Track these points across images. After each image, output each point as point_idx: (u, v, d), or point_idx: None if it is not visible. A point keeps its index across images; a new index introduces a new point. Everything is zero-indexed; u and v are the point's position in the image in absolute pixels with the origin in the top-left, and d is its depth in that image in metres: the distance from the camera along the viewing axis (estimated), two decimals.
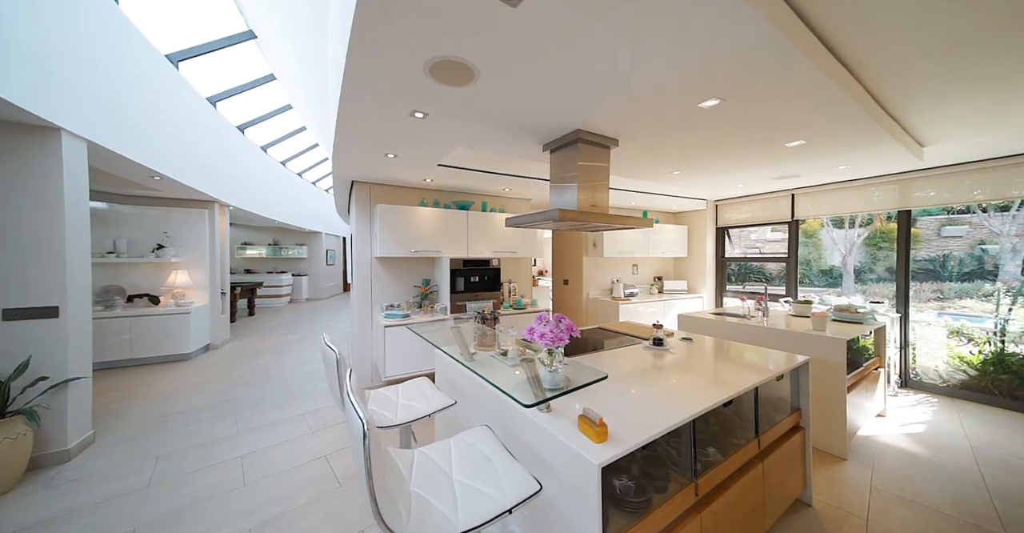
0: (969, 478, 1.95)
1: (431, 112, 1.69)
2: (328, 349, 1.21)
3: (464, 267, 3.37)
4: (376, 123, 1.83)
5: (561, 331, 1.01)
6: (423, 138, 2.11)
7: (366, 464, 0.60)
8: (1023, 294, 2.96)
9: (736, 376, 1.54)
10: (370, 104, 1.59)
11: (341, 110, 1.64)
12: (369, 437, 0.62)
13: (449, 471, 0.95)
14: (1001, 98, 1.78)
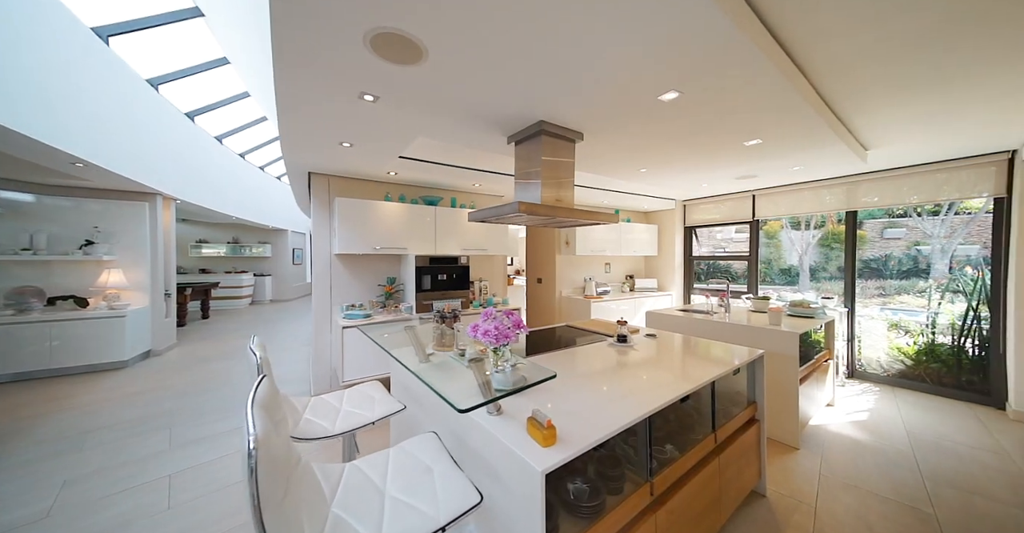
0: (905, 462, 2.07)
1: (382, 95, 1.57)
2: (251, 353, 1.08)
3: (431, 265, 3.24)
4: (321, 105, 1.69)
5: (507, 327, 0.95)
6: (379, 126, 1.98)
7: (251, 489, 0.50)
8: (950, 290, 3.23)
9: (694, 371, 1.54)
10: (309, 82, 1.45)
11: (277, 89, 1.49)
12: (256, 456, 0.53)
13: (383, 486, 0.86)
14: (936, 104, 1.89)
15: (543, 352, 1.86)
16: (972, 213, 3.17)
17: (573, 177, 2.11)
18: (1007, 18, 1.21)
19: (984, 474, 1.95)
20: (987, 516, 1.64)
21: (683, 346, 1.97)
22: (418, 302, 3.15)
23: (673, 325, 2.95)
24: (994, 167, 2.78)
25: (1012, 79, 1.62)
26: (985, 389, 2.86)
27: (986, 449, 2.20)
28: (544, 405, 1.18)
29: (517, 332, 0.95)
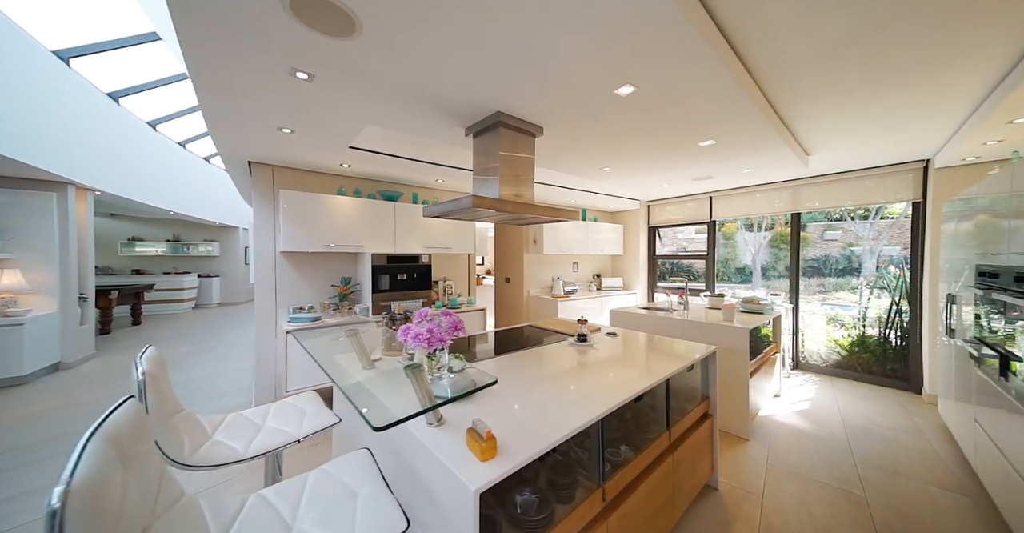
0: (840, 448, 2.22)
1: (317, 74, 1.42)
2: (134, 368, 0.91)
3: (389, 264, 3.07)
4: (248, 82, 1.50)
5: (443, 329, 0.86)
6: (322, 111, 1.81)
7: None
8: (877, 287, 3.55)
9: (650, 369, 1.53)
10: (227, 51, 1.27)
11: (187, 57, 1.29)
12: (63, 517, 0.39)
13: (292, 519, 0.74)
14: (863, 112, 2.03)
15: (504, 353, 1.79)
16: (894, 218, 3.52)
17: (533, 173, 2.06)
18: (908, 36, 1.30)
19: (905, 455, 2.13)
20: (906, 494, 1.78)
21: (641, 344, 1.98)
22: (375, 303, 2.97)
23: (635, 323, 3.00)
24: (911, 175, 3.07)
25: (922, 92, 1.76)
26: (905, 376, 3.16)
27: (906, 430, 2.42)
28: (494, 412, 1.10)
29: (455, 334, 0.86)
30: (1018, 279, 1.33)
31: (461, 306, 3.55)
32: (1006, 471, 1.47)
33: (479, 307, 3.58)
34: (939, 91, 1.74)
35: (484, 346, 1.97)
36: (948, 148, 2.47)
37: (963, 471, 1.94)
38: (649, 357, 1.73)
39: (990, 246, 1.67)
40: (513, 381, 1.39)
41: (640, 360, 1.69)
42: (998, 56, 1.45)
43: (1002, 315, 1.54)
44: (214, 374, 3.61)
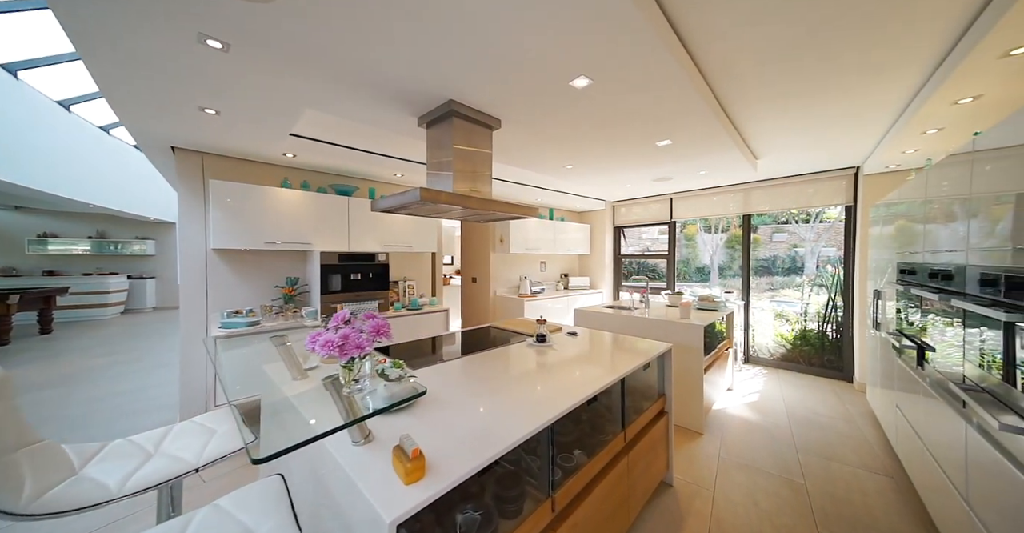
0: (784, 437, 2.34)
1: (233, 43, 1.24)
2: None
3: (340, 262, 2.85)
4: (148, 50, 1.29)
5: (361, 335, 0.75)
6: (248, 89, 1.61)
7: None
8: (817, 284, 3.84)
9: (606, 369, 1.50)
10: (109, 8, 1.07)
11: (57, 14, 1.07)
12: None
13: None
14: (803, 118, 2.15)
15: (460, 356, 1.69)
16: (831, 221, 3.83)
17: (491, 169, 1.97)
18: (839, 48, 1.37)
19: (838, 440, 2.28)
20: (839, 478, 1.90)
21: (600, 344, 1.96)
22: (324, 306, 2.74)
23: (599, 321, 3.01)
24: (844, 181, 3.34)
25: (851, 101, 1.89)
26: (839, 366, 3.43)
27: (840, 418, 2.61)
28: (437, 422, 1.00)
29: (378, 340, 0.75)
30: (932, 275, 1.44)
31: (423, 307, 3.40)
32: (921, 452, 1.60)
33: (442, 308, 3.44)
34: (867, 101, 1.87)
35: (441, 349, 1.85)
36: (874, 156, 2.70)
37: (886, 454, 2.10)
38: (606, 357, 1.71)
39: (908, 245, 1.82)
40: (464, 387, 1.30)
41: (597, 360, 1.66)
42: (912, 72, 1.56)
43: (918, 308, 1.67)
44: (138, 388, 3.18)
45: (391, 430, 0.96)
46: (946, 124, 1.90)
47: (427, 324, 3.32)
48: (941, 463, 1.39)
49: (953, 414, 1.27)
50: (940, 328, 1.44)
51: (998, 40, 1.20)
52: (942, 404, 1.37)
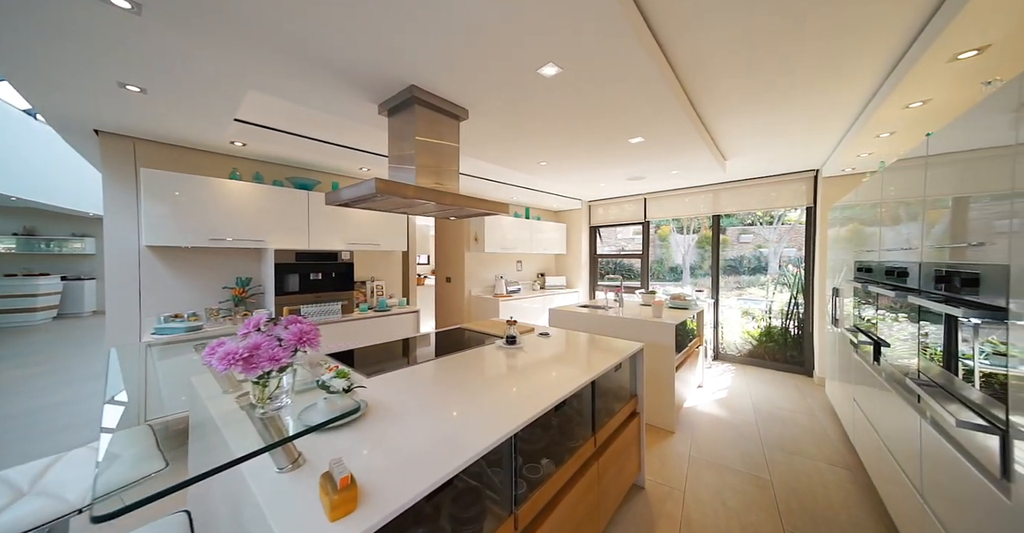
0: (751, 432, 2.38)
1: (144, 3, 1.07)
2: None
3: (298, 262, 2.64)
4: (36, 8, 1.09)
5: (275, 344, 0.63)
6: (177, 64, 1.42)
7: None
8: (780, 283, 4.00)
9: (577, 372, 1.43)
10: None
11: None
12: None
13: None
14: (768, 119, 2.19)
15: (424, 360, 1.57)
16: (792, 224, 4.00)
17: (458, 164, 1.86)
18: (802, 50, 1.38)
19: (801, 434, 2.35)
20: (802, 472, 1.94)
21: (572, 345, 1.89)
22: (279, 308, 2.53)
23: (573, 321, 2.97)
24: (805, 183, 3.49)
25: (812, 101, 1.94)
26: (800, 361, 3.58)
27: (802, 412, 2.70)
28: (388, 438, 0.89)
29: (303, 348, 0.64)
30: (888, 273, 1.48)
31: (391, 308, 3.23)
32: (877, 445, 1.65)
33: (412, 309, 3.29)
34: (826, 100, 1.92)
35: (406, 353, 1.73)
36: (832, 159, 2.81)
37: (845, 446, 2.18)
38: (577, 359, 1.65)
39: (864, 244, 1.88)
40: (424, 395, 1.19)
41: (568, 362, 1.59)
42: (869, 74, 1.61)
43: (874, 305, 1.73)
44: (64, 402, 2.82)
45: (332, 450, 0.84)
46: (898, 128, 1.99)
47: (396, 326, 3.16)
48: (896, 456, 1.43)
49: (908, 408, 1.30)
50: (894, 323, 1.48)
51: (947, 44, 1.23)
52: (897, 399, 1.41)
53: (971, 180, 0.97)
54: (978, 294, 0.88)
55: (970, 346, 0.95)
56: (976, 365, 0.93)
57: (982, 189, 0.91)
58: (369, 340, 2.03)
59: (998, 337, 0.83)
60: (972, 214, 0.94)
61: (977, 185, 0.93)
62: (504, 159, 2.82)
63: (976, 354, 0.92)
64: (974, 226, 0.92)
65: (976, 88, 1.49)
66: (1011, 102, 0.82)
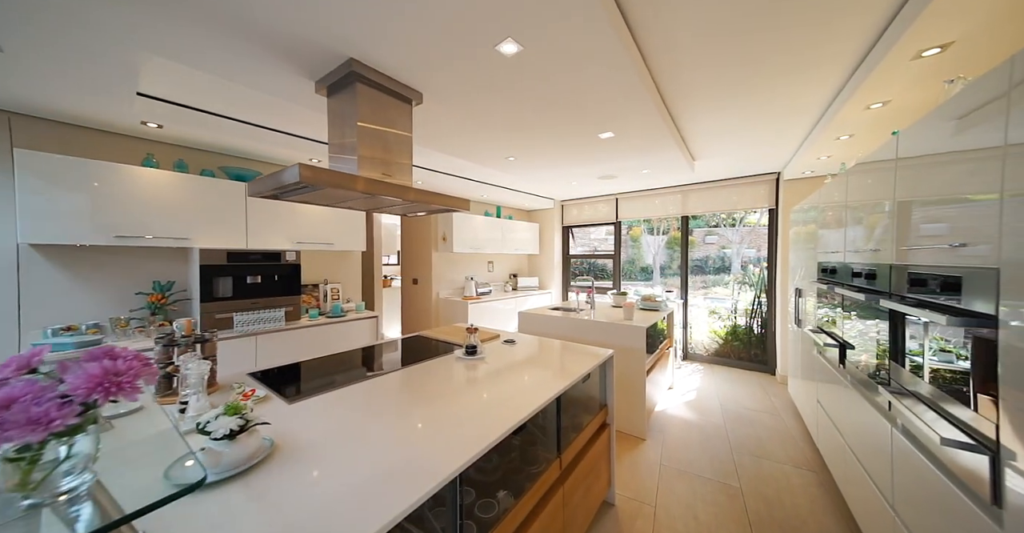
0: (720, 435, 2.36)
1: None
2: None
3: (231, 263, 2.31)
4: None
5: (50, 397, 0.41)
6: (47, 15, 1.12)
7: None
8: (743, 282, 4.10)
9: (542, 385, 1.28)
10: None
11: None
12: None
13: None
14: (734, 120, 2.16)
15: (367, 377, 1.35)
16: (752, 226, 4.13)
17: (410, 155, 1.66)
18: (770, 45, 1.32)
19: (767, 435, 2.35)
20: (770, 476, 1.91)
21: (538, 354, 1.75)
22: (207, 317, 2.19)
23: (543, 325, 2.84)
24: (767, 185, 3.58)
25: (776, 105, 1.92)
26: (764, 359, 3.68)
27: (766, 411, 2.73)
28: (278, 498, 0.68)
29: (93, 405, 0.42)
30: (855, 275, 1.46)
31: (347, 314, 2.94)
32: (841, 448, 1.63)
33: (370, 314, 3.02)
34: (791, 103, 1.90)
35: (353, 367, 1.50)
36: (794, 162, 2.87)
37: (809, 447, 2.20)
38: (543, 370, 1.50)
39: (829, 246, 1.88)
40: (354, 424, 0.98)
41: (533, 374, 1.44)
42: (835, 71, 1.59)
43: (836, 307, 1.72)
44: None
45: (206, 521, 0.62)
46: (857, 130, 2.02)
47: (352, 333, 2.88)
48: (863, 462, 1.40)
49: (877, 416, 1.26)
50: (859, 325, 1.46)
51: (913, 40, 1.20)
52: (865, 404, 1.37)
53: (949, 178, 0.91)
54: (960, 299, 0.82)
55: (943, 352, 0.90)
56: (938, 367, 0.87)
57: (963, 186, 0.85)
58: (316, 351, 1.78)
59: (982, 346, 0.76)
60: (951, 214, 0.88)
61: (959, 182, 0.87)
62: (469, 153, 2.64)
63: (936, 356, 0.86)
64: (957, 226, 0.86)
65: (934, 89, 1.50)
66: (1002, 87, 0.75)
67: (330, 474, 0.76)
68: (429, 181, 3.58)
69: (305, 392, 1.22)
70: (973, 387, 0.79)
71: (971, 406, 0.79)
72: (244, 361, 2.26)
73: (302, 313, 2.78)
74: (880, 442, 1.23)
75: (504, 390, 1.27)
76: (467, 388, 1.30)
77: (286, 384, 1.32)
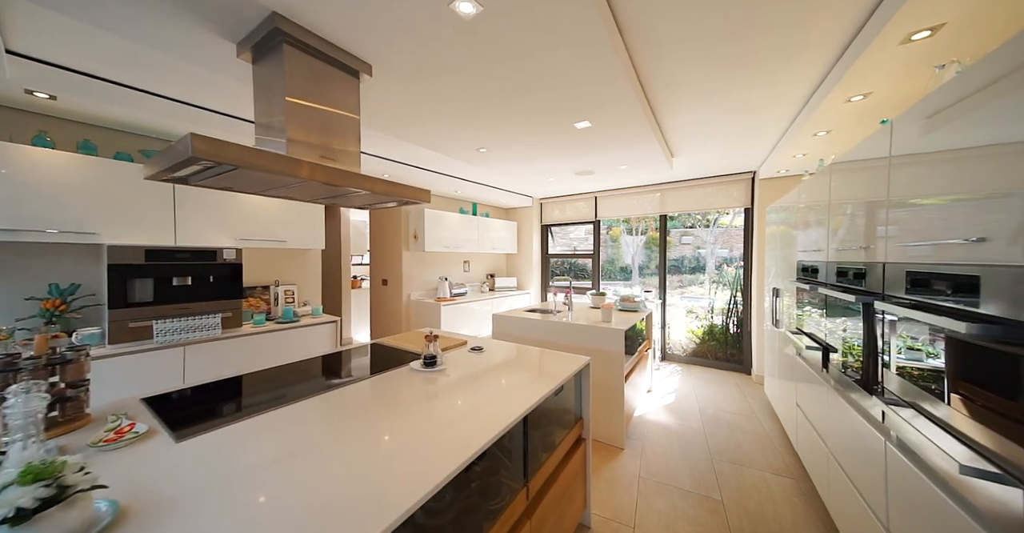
0: (699, 442, 2.26)
1: None
2: None
3: (151, 262, 1.98)
4: None
5: None
6: None
7: None
8: (717, 282, 4.10)
9: (507, 404, 1.10)
10: None
11: None
12: None
13: None
14: (722, 107, 2.06)
15: (304, 396, 1.12)
16: (724, 227, 4.16)
17: (358, 139, 1.43)
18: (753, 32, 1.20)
19: (745, 440, 2.28)
20: (751, 486, 1.82)
21: (507, 364, 1.56)
22: (117, 325, 1.86)
23: (518, 328, 2.67)
24: (743, 184, 3.57)
25: (756, 95, 1.83)
26: (740, 359, 3.67)
27: (744, 414, 2.68)
28: None
29: None
30: (841, 274, 1.37)
31: (300, 318, 2.65)
32: (823, 454, 1.55)
33: (328, 319, 2.73)
34: (773, 92, 1.82)
35: (271, 389, 1.25)
36: (770, 160, 2.84)
37: (787, 451, 2.14)
38: (511, 383, 1.32)
39: (810, 244, 1.81)
40: (261, 466, 0.76)
41: (498, 389, 1.25)
42: (820, 55, 1.50)
43: (818, 307, 1.64)
44: None
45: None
46: (835, 126, 1.97)
47: (308, 340, 2.59)
48: (850, 474, 1.30)
49: (867, 426, 1.17)
50: (844, 327, 1.37)
51: (905, 19, 1.11)
52: (852, 413, 1.28)
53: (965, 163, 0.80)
54: (978, 302, 0.70)
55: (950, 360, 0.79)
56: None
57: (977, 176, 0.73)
58: (259, 362, 1.52)
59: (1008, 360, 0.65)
60: (961, 205, 0.77)
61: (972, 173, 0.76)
62: (436, 142, 2.42)
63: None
64: (970, 220, 0.74)
65: (922, 77, 1.43)
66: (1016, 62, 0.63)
67: (275, 508, 0.54)
68: (398, 174, 3.32)
69: (205, 424, 0.97)
70: (967, 396, 0.68)
71: (990, 426, 0.67)
72: (169, 377, 1.94)
73: (245, 319, 2.47)
74: (871, 456, 1.14)
75: (461, 411, 1.08)
76: (416, 410, 1.09)
77: (187, 411, 1.06)
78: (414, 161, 3.02)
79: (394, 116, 2.00)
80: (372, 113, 1.95)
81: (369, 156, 2.77)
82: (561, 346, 2.44)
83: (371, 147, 2.60)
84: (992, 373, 0.69)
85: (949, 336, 0.79)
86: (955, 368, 0.78)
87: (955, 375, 0.78)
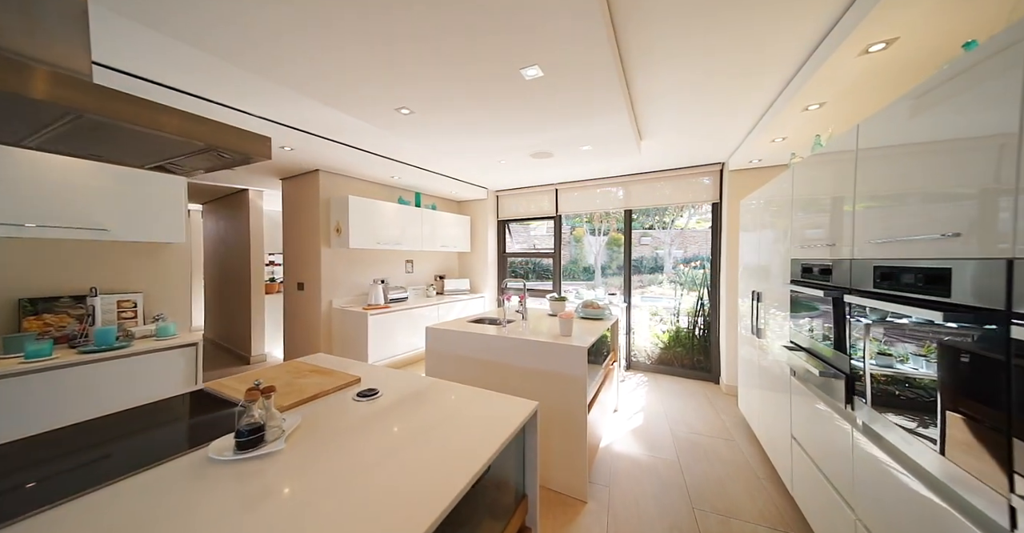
0: (675, 481, 1.84)
1: None
2: None
3: None
4: None
5: None
6: None
7: None
8: (677, 282, 3.83)
9: (387, 519, 0.52)
10: None
11: None
12: None
13: None
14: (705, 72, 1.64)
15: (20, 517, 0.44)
16: (679, 229, 3.95)
17: (87, 63, 0.76)
18: None
19: (727, 474, 1.90)
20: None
21: (405, 417, 0.97)
22: None
23: (456, 345, 2.08)
24: (712, 177, 3.30)
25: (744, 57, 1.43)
26: (707, 367, 3.40)
27: (720, 435, 2.33)
28: None
29: None
30: (885, 276, 0.96)
31: (131, 344, 1.83)
32: (847, 520, 1.16)
33: (184, 342, 1.94)
34: (761, 58, 1.42)
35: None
36: (743, 147, 2.54)
37: (778, 491, 1.77)
38: (404, 467, 0.73)
39: (817, 238, 1.43)
40: None
41: (380, 485, 0.65)
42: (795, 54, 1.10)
43: (822, 318, 1.26)
44: None
45: None
46: (833, 95, 1.63)
47: (138, 377, 1.79)
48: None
49: (931, 497, 0.75)
50: (888, 351, 0.97)
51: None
52: (894, 468, 0.87)
53: None
54: None
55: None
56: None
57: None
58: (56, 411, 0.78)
59: None
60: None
61: None
62: (337, 94, 1.75)
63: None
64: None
65: (960, 17, 1.07)
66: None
67: None
68: (306, 148, 2.57)
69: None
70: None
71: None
72: None
73: (11, 349, 1.61)
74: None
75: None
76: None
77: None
78: (331, 133, 2.30)
79: (281, 58, 1.31)
80: (215, 32, 1.25)
81: (257, 118, 2.02)
82: (510, 369, 1.89)
83: (258, 106, 1.86)
84: None
85: None
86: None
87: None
